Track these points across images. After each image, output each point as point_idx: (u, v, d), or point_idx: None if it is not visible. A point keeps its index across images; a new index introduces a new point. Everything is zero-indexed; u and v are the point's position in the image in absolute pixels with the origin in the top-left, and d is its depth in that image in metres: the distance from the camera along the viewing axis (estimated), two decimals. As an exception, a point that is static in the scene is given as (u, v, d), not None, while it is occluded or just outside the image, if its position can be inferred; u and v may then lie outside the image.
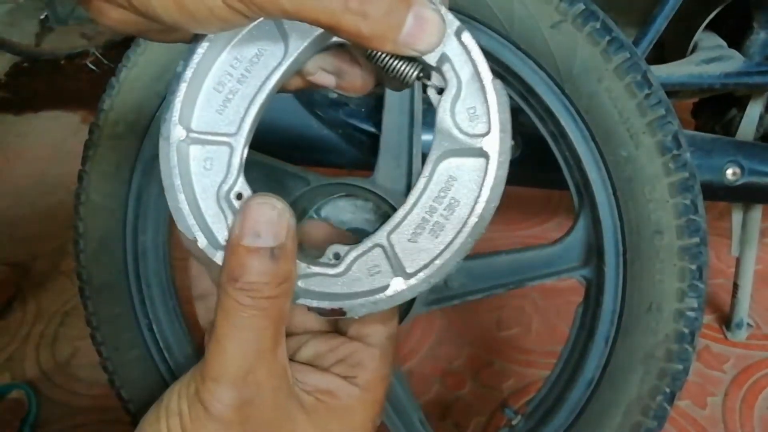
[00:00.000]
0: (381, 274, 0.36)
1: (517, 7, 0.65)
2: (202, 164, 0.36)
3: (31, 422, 1.08)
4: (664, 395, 0.66)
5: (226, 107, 0.36)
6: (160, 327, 0.78)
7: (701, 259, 0.65)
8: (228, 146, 0.36)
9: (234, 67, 0.36)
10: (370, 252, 0.36)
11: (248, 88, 0.36)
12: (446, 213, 0.35)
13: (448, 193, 0.35)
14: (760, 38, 0.98)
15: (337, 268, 0.36)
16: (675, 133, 0.64)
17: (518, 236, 1.51)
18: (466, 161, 0.35)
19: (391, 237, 0.36)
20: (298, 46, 0.35)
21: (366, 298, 0.36)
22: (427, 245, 0.35)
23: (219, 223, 0.36)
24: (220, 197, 0.36)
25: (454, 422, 1.06)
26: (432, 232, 0.35)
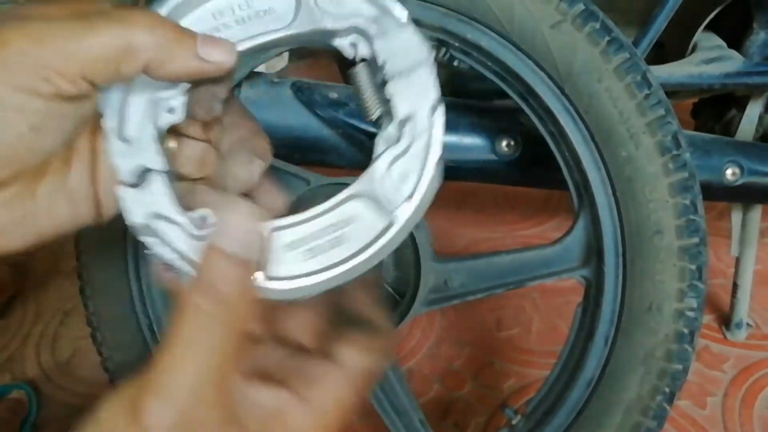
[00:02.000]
0: None
1: (517, 7, 0.65)
2: None
3: (32, 422, 1.08)
4: (664, 395, 0.66)
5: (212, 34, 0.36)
6: (161, 327, 0.78)
7: (701, 259, 0.65)
8: None
9: (240, 8, 0.36)
10: None
11: (239, 33, 0.36)
12: (328, 245, 0.35)
13: (342, 229, 0.36)
14: (759, 38, 0.98)
15: (199, 230, 0.35)
16: (675, 133, 0.64)
17: (518, 236, 1.51)
18: (374, 212, 0.35)
19: (273, 233, 0.35)
20: (300, 28, 0.37)
21: None
22: (296, 261, 0.35)
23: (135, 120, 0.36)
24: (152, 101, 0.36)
25: (454, 422, 1.06)
26: (306, 252, 0.35)
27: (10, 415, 1.08)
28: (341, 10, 0.36)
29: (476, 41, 0.67)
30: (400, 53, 0.36)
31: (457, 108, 0.91)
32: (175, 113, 0.36)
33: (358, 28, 0.36)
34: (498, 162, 0.89)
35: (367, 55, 0.37)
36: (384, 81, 0.36)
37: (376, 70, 0.36)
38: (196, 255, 0.35)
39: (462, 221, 1.56)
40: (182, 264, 0.35)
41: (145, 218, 0.35)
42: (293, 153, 0.88)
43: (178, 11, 0.36)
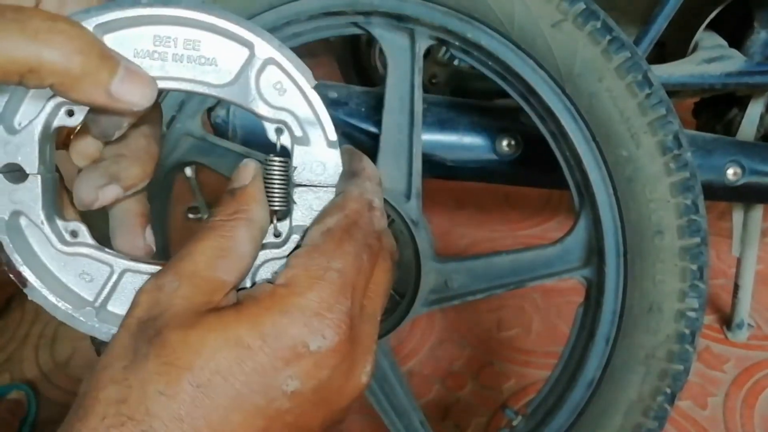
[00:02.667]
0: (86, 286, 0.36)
1: (517, 7, 0.65)
2: None
3: (31, 422, 1.08)
4: (665, 396, 0.66)
5: (141, 58, 0.35)
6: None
7: (702, 260, 0.65)
8: None
9: (184, 45, 0.35)
10: (98, 263, 0.36)
11: (171, 68, 0.35)
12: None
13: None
14: (760, 38, 0.97)
15: (64, 245, 0.35)
16: (676, 132, 0.64)
17: (518, 236, 1.51)
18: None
19: (126, 273, 0.36)
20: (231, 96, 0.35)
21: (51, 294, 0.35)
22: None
23: (29, 112, 0.34)
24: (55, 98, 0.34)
25: (455, 423, 1.06)
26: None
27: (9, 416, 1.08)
28: (278, 100, 0.35)
29: (477, 40, 0.67)
30: (317, 167, 0.36)
31: (457, 107, 0.90)
32: (73, 118, 0.34)
33: (286, 124, 0.36)
34: (498, 162, 0.89)
35: (288, 147, 0.36)
36: (293, 182, 0.36)
37: (288, 167, 0.36)
38: (53, 267, 0.35)
39: (462, 221, 1.56)
40: (28, 272, 0.34)
41: (9, 214, 0.34)
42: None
43: (120, 23, 0.34)
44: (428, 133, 0.88)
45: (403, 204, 0.70)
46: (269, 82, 0.35)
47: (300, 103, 0.35)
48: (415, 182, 0.71)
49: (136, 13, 0.33)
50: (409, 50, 0.71)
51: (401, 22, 0.70)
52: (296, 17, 0.70)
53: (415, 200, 0.71)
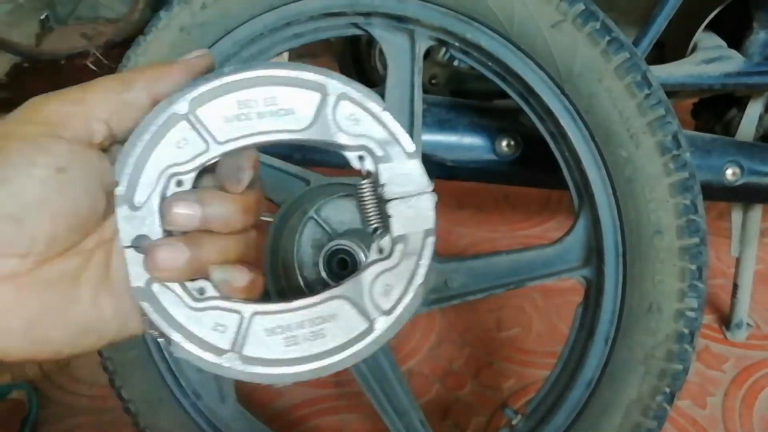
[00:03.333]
0: (222, 336, 0.38)
1: (517, 7, 0.65)
2: (178, 140, 0.38)
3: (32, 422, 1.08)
4: (664, 395, 0.66)
5: (231, 123, 0.38)
6: (160, 327, 0.79)
7: (701, 260, 0.65)
8: (206, 145, 0.38)
9: (265, 102, 0.38)
10: (228, 313, 0.38)
11: (258, 125, 0.38)
12: (309, 337, 0.38)
13: (323, 324, 0.38)
14: (759, 38, 0.98)
15: (194, 302, 0.38)
16: (675, 133, 0.64)
17: (518, 236, 1.51)
18: (354, 317, 0.38)
19: (254, 317, 0.38)
20: (314, 136, 0.39)
21: (195, 347, 0.38)
22: (275, 347, 0.38)
23: (145, 188, 0.37)
24: (165, 172, 0.37)
25: (455, 422, 1.06)
26: (287, 340, 0.38)
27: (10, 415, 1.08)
28: (355, 128, 0.39)
29: (476, 41, 0.67)
30: (403, 179, 0.39)
31: (457, 108, 0.91)
32: (182, 186, 0.38)
33: (367, 147, 0.39)
34: (498, 162, 0.89)
35: (372, 170, 0.39)
36: (384, 199, 0.39)
37: (377, 186, 0.39)
38: (189, 324, 0.37)
39: (462, 221, 1.56)
40: (171, 332, 0.37)
41: (145, 283, 0.37)
42: (293, 153, 0.88)
43: (206, 95, 0.38)
44: (428, 133, 0.88)
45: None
46: (344, 115, 0.39)
47: (375, 126, 0.39)
48: (415, 182, 0.71)
49: (219, 83, 0.38)
50: (409, 51, 0.71)
51: (401, 22, 0.70)
52: (296, 18, 0.71)
53: (415, 200, 0.71)
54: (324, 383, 1.13)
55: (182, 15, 0.72)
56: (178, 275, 0.37)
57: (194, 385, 0.79)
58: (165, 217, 0.37)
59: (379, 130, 0.39)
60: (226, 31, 0.72)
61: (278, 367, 0.38)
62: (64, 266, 0.37)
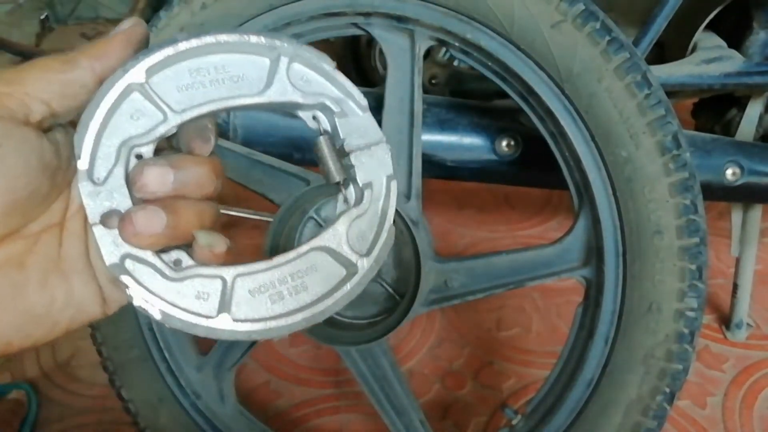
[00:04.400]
0: (207, 303, 0.38)
1: (517, 8, 0.65)
2: (132, 112, 0.38)
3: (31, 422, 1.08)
4: (664, 395, 0.66)
5: (186, 90, 0.38)
6: (160, 327, 0.79)
7: (701, 259, 0.65)
8: (163, 115, 0.38)
9: (216, 70, 0.39)
10: (210, 279, 0.38)
11: (212, 92, 0.39)
12: (292, 291, 0.39)
13: (304, 277, 0.39)
14: (759, 38, 0.98)
15: (173, 272, 0.38)
16: (675, 133, 0.64)
17: (518, 236, 1.51)
18: (333, 265, 0.40)
19: (237, 279, 0.38)
20: (270, 98, 0.40)
21: (186, 315, 0.38)
22: (261, 306, 0.38)
23: (106, 162, 0.37)
24: (123, 144, 0.37)
25: (454, 422, 1.06)
26: (271, 297, 0.39)
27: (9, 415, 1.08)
28: (310, 87, 0.40)
29: (476, 41, 0.67)
30: (360, 132, 0.41)
31: (457, 108, 0.91)
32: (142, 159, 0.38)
33: (324, 105, 0.40)
34: (498, 162, 0.89)
35: (329, 129, 0.41)
36: (344, 152, 0.40)
37: (335, 142, 0.41)
38: (170, 296, 0.37)
39: (462, 221, 1.56)
40: (154, 303, 0.37)
41: (120, 258, 0.37)
42: (293, 153, 0.88)
43: (159, 65, 0.38)
44: (428, 133, 0.88)
45: (403, 204, 0.71)
46: (297, 76, 0.40)
47: (327, 85, 0.40)
48: (415, 182, 0.71)
49: (173, 50, 0.38)
50: (409, 51, 0.71)
51: (401, 22, 0.70)
52: (296, 18, 0.71)
53: (415, 200, 0.71)
54: (324, 383, 1.13)
55: (182, 15, 0.72)
56: (156, 241, 0.36)
57: (194, 385, 0.79)
58: (135, 184, 0.36)
59: (331, 88, 0.40)
60: (226, 31, 0.72)
61: (270, 321, 0.38)
62: (7, 251, 0.35)
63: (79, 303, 0.38)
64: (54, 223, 0.38)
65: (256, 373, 1.15)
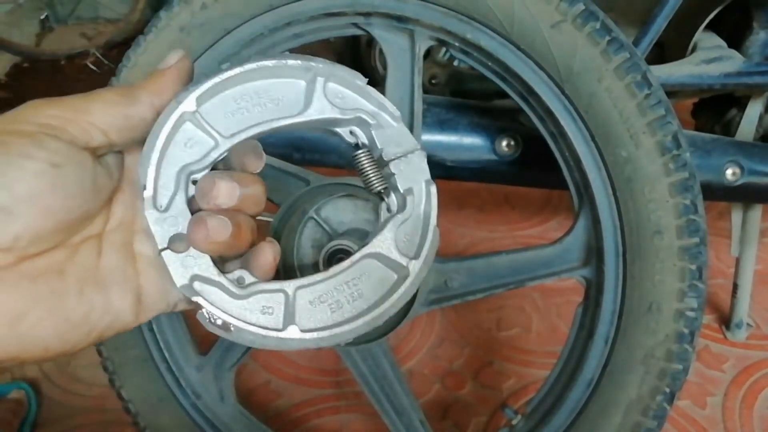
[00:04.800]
0: (272, 317, 0.40)
1: (517, 8, 0.65)
2: (186, 140, 0.40)
3: (31, 422, 1.08)
4: (664, 395, 0.66)
5: (232, 116, 0.41)
6: (160, 327, 0.79)
7: (701, 259, 0.65)
8: (215, 141, 0.40)
9: (258, 95, 0.41)
10: (273, 293, 0.41)
11: (257, 115, 0.41)
12: (349, 298, 0.42)
13: (359, 285, 0.42)
14: (759, 38, 0.98)
15: (239, 290, 0.40)
16: (675, 133, 0.64)
17: (518, 236, 1.51)
18: (384, 271, 0.42)
19: (298, 291, 0.41)
20: (311, 117, 0.42)
21: (255, 329, 0.40)
22: (322, 315, 0.41)
23: (166, 191, 0.40)
24: (181, 172, 0.40)
25: (454, 422, 1.06)
26: (331, 307, 0.41)
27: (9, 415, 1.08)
28: (345, 104, 0.42)
29: (476, 41, 0.67)
30: (396, 141, 0.43)
31: (457, 108, 0.91)
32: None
33: (361, 119, 0.42)
34: (498, 162, 0.89)
35: (366, 141, 0.43)
36: (383, 162, 0.43)
37: (373, 153, 0.43)
38: (238, 312, 0.40)
39: (462, 221, 1.56)
40: (231, 320, 0.40)
41: (189, 280, 0.39)
42: (293, 153, 0.88)
43: (207, 94, 0.41)
44: (428, 133, 0.88)
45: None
46: (333, 94, 0.42)
47: (361, 99, 0.43)
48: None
49: (219, 79, 0.41)
50: (408, 51, 0.71)
51: (401, 22, 0.70)
52: (296, 18, 0.71)
53: (415, 200, 0.71)
54: (324, 383, 1.13)
55: (182, 15, 0.72)
56: (220, 248, 0.39)
57: (194, 385, 0.79)
58: (206, 195, 0.39)
59: (365, 102, 0.43)
60: (226, 31, 0.72)
61: (333, 329, 0.41)
62: (49, 260, 0.37)
63: (115, 312, 0.40)
64: (93, 235, 0.40)
65: (256, 373, 1.15)
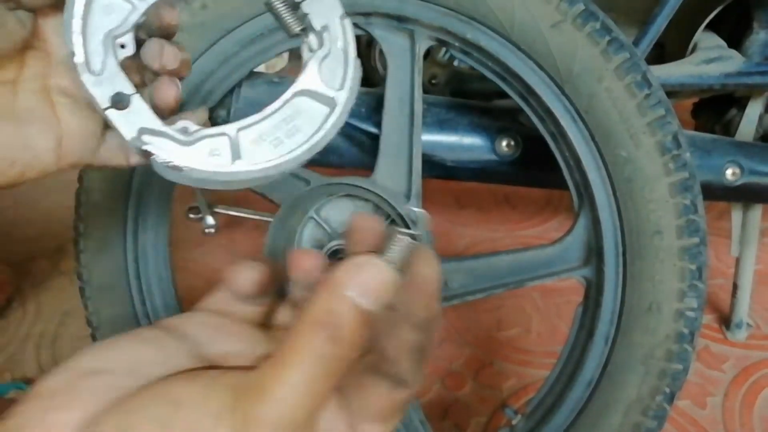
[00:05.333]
0: (221, 158, 0.43)
1: (517, 8, 0.65)
2: (103, 7, 0.43)
3: (31, 422, 1.08)
4: (664, 395, 0.66)
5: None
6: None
7: (701, 259, 0.65)
8: (131, 5, 0.43)
9: None
10: (216, 137, 0.43)
11: None
12: (288, 134, 0.44)
13: (294, 120, 0.44)
14: (759, 38, 0.98)
15: (185, 137, 0.43)
16: (675, 133, 0.64)
17: (518, 236, 1.51)
18: (315, 103, 0.44)
19: (239, 132, 0.43)
20: None
21: (208, 166, 0.42)
22: (266, 151, 0.44)
23: (97, 55, 0.42)
24: (107, 38, 0.42)
25: (454, 422, 1.06)
26: (272, 143, 0.44)
27: (9, 415, 1.08)
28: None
29: (476, 41, 0.67)
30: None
31: (457, 108, 0.91)
32: (127, 48, 0.43)
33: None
34: (498, 162, 0.89)
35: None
36: (295, 3, 0.44)
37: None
38: (188, 159, 0.42)
39: (462, 221, 1.56)
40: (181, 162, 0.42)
41: (137, 133, 0.42)
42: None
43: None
44: (428, 133, 0.88)
45: (403, 204, 0.71)
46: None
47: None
48: (415, 182, 0.71)
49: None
50: (409, 51, 0.71)
51: (401, 23, 0.70)
52: (297, 18, 0.71)
53: (415, 200, 0.71)
54: (324, 383, 1.13)
55: (182, 15, 0.72)
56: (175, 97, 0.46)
57: (194, 385, 0.79)
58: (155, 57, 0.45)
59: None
60: (225, 31, 0.72)
61: (277, 159, 0.43)
62: None
63: (35, 149, 0.44)
64: (7, 80, 0.44)
65: (256, 373, 1.15)
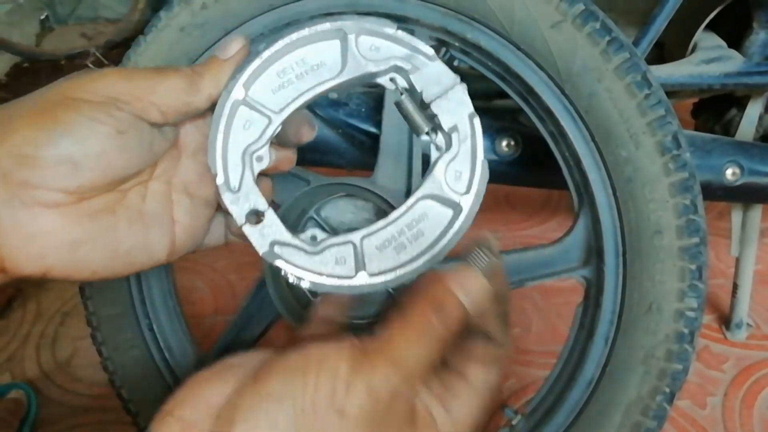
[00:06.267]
0: (346, 266, 0.44)
1: (517, 8, 0.65)
2: (243, 123, 0.45)
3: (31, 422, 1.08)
4: (664, 395, 0.66)
5: (279, 91, 0.45)
6: (160, 327, 0.79)
7: (701, 259, 0.65)
8: (268, 119, 0.45)
9: (298, 65, 0.45)
10: (342, 245, 0.44)
11: (302, 84, 0.45)
12: (411, 239, 0.44)
13: (418, 225, 0.44)
14: (759, 38, 0.98)
15: (313, 247, 0.44)
16: (675, 133, 0.64)
17: (518, 236, 1.51)
18: (440, 208, 0.44)
19: (363, 240, 0.44)
20: (349, 76, 0.45)
21: (331, 280, 0.44)
22: (390, 258, 0.44)
23: (235, 173, 0.45)
24: (245, 153, 0.44)
25: (454, 422, 1.06)
26: (395, 249, 0.44)
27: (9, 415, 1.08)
28: (379, 54, 0.44)
29: (476, 41, 0.67)
30: (434, 80, 0.44)
31: (457, 108, 0.91)
32: (263, 161, 0.45)
33: (397, 66, 0.44)
34: (498, 162, 0.89)
35: (407, 85, 0.45)
36: (425, 103, 0.44)
37: (414, 96, 0.45)
38: (315, 267, 0.44)
39: (462, 221, 1.56)
40: (304, 276, 0.44)
41: (269, 246, 0.44)
42: (293, 153, 0.88)
43: (252, 77, 0.44)
44: (428, 133, 0.88)
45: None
46: (366, 48, 0.45)
47: (394, 46, 0.45)
48: (415, 182, 0.71)
49: (259, 61, 0.45)
50: (409, 51, 0.71)
51: (401, 23, 0.70)
52: (297, 18, 0.71)
53: (415, 200, 0.71)
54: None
55: (182, 15, 0.72)
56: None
57: (194, 385, 0.79)
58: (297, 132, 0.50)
59: (399, 48, 0.45)
60: (226, 32, 0.72)
61: (399, 270, 0.44)
62: (104, 201, 0.45)
63: (153, 249, 0.48)
64: (141, 182, 0.48)
65: (256, 373, 1.15)
